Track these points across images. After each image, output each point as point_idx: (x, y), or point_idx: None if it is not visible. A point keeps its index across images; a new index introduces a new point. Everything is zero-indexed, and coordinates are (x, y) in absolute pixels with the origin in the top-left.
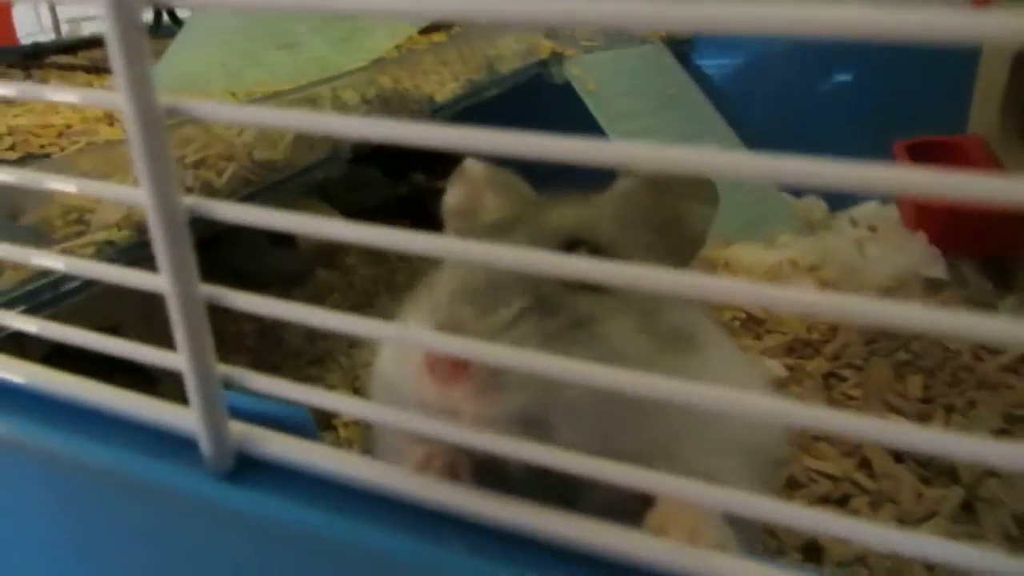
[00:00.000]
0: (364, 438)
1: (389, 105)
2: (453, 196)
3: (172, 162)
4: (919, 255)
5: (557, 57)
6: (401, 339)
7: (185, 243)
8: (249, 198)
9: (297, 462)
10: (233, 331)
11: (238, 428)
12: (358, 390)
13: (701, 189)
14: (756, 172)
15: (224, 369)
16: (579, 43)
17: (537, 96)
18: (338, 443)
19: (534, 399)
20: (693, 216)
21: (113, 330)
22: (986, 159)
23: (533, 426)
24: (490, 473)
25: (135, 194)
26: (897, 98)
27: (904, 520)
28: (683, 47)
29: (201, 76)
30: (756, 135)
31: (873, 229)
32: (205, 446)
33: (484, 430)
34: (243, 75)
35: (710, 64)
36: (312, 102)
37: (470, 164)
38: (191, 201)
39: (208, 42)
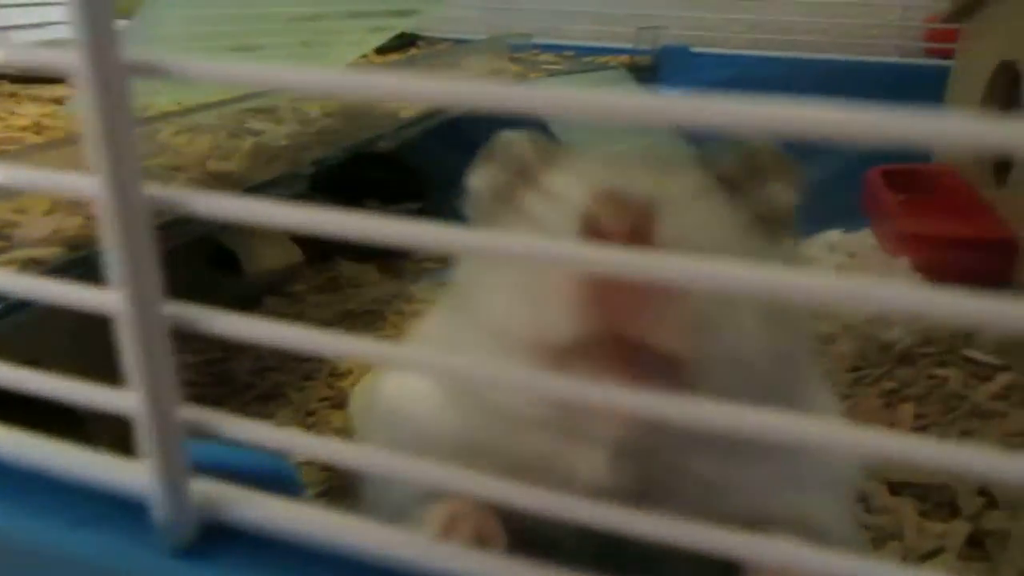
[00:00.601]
0: (330, 483)
1: (352, 119)
2: (487, 176)
3: (134, 138)
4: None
5: (521, 79)
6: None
7: (146, 246)
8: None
9: (280, 529)
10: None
11: (202, 487)
12: (312, 428)
13: (787, 169)
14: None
15: (188, 412)
16: (542, 66)
17: (502, 119)
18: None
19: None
20: (784, 197)
21: (31, 365)
22: (964, 187)
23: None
24: (526, 533)
25: (83, 182)
26: None
27: (908, 557)
28: (645, 72)
29: (147, 83)
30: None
31: (852, 255)
32: (159, 511)
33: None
34: (195, 84)
35: (674, 90)
36: (270, 112)
37: (510, 135)
38: (156, 191)
39: (159, 40)
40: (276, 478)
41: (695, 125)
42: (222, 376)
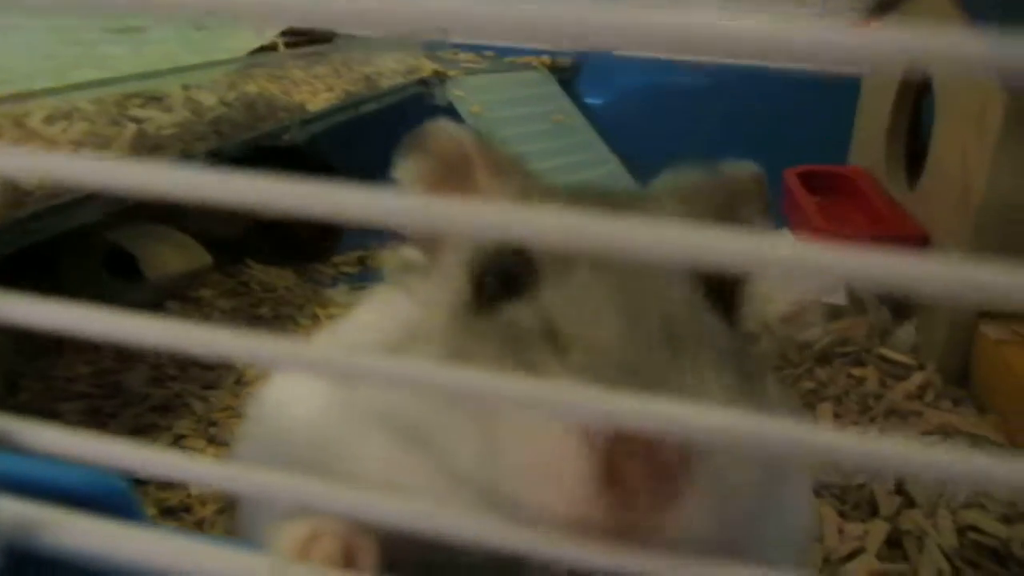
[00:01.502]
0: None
1: (253, 110)
2: (420, 168)
3: None
4: (820, 282)
5: (439, 77)
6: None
7: None
8: (75, 204)
9: (106, 557)
10: (63, 375)
11: (12, 509)
12: (214, 439)
13: (756, 187)
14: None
15: None
16: (461, 65)
17: (417, 116)
18: (187, 503)
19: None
20: (749, 216)
21: None
22: (878, 188)
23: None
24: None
25: None
26: (781, 128)
27: (829, 559)
28: (567, 74)
29: (21, 70)
30: (640, 163)
31: None
32: None
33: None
34: (74, 72)
35: (594, 91)
36: (159, 100)
37: (444, 126)
38: None
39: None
40: (105, 498)
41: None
42: (114, 387)
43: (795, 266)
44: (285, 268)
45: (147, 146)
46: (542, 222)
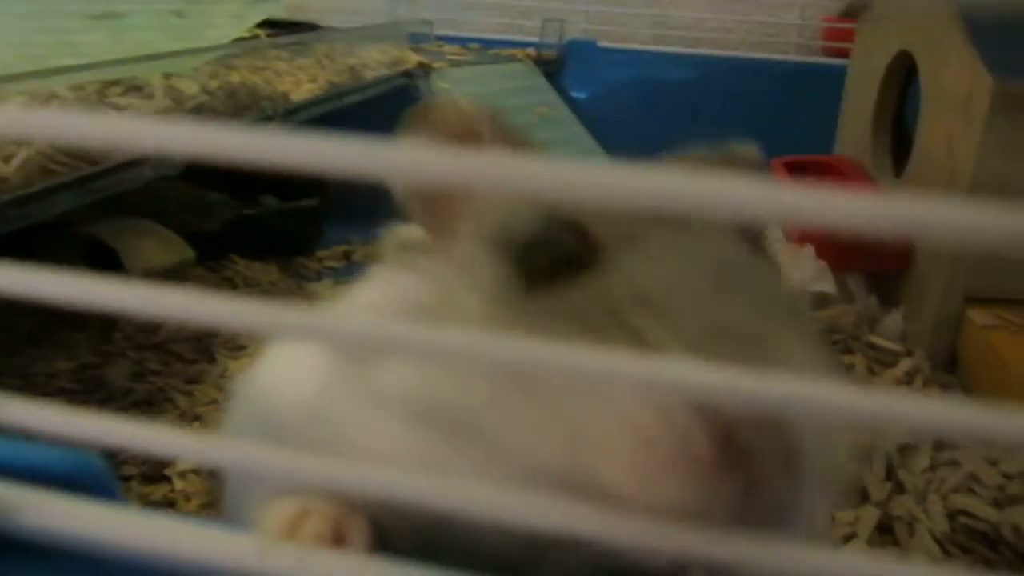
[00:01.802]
0: (213, 491)
1: (236, 99)
2: (424, 142)
3: None
4: (808, 270)
5: (424, 69)
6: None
7: None
8: (51, 192)
9: (85, 538)
10: (43, 372)
11: None
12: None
13: (760, 165)
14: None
15: None
16: (446, 57)
17: (403, 108)
18: (171, 498)
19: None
20: None
21: None
22: (863, 177)
23: None
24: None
25: None
26: (767, 119)
27: None
28: (552, 67)
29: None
30: (626, 157)
31: None
32: None
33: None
34: (52, 61)
35: (579, 84)
36: (139, 90)
37: (452, 99)
38: None
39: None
40: (80, 477)
41: None
42: (96, 382)
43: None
44: (269, 263)
45: None
46: (602, 179)
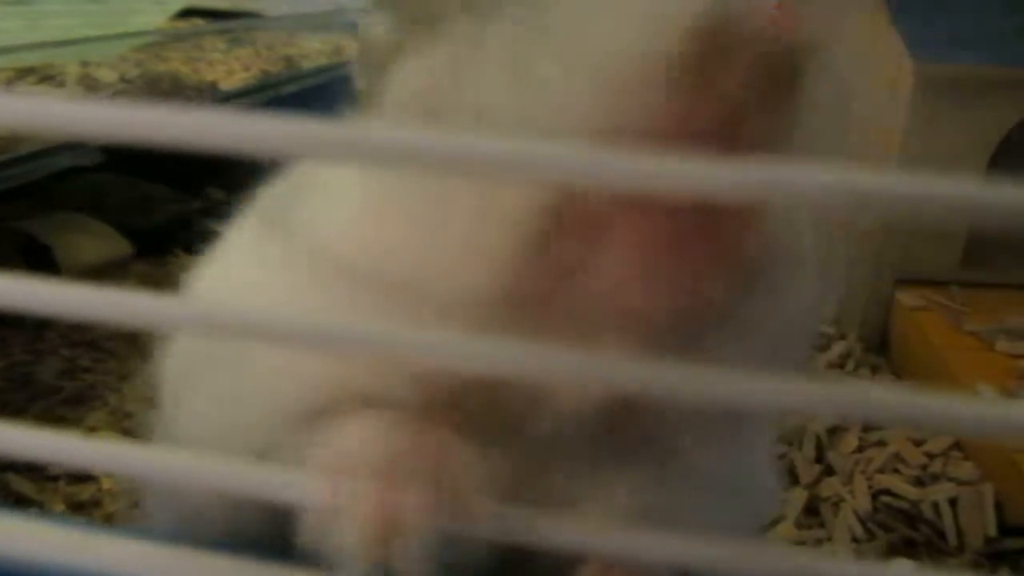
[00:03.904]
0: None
1: (157, 88)
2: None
3: None
4: None
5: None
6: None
7: None
8: None
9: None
10: None
11: None
12: (129, 432)
13: None
14: None
15: None
16: None
17: (340, 98)
18: (98, 498)
19: None
20: None
21: None
22: None
23: None
24: None
25: None
26: None
27: None
28: None
29: None
30: None
31: None
32: None
33: None
34: None
35: None
36: (52, 79)
37: None
38: None
39: None
40: None
41: None
42: (25, 380)
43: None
44: None
45: None
46: None
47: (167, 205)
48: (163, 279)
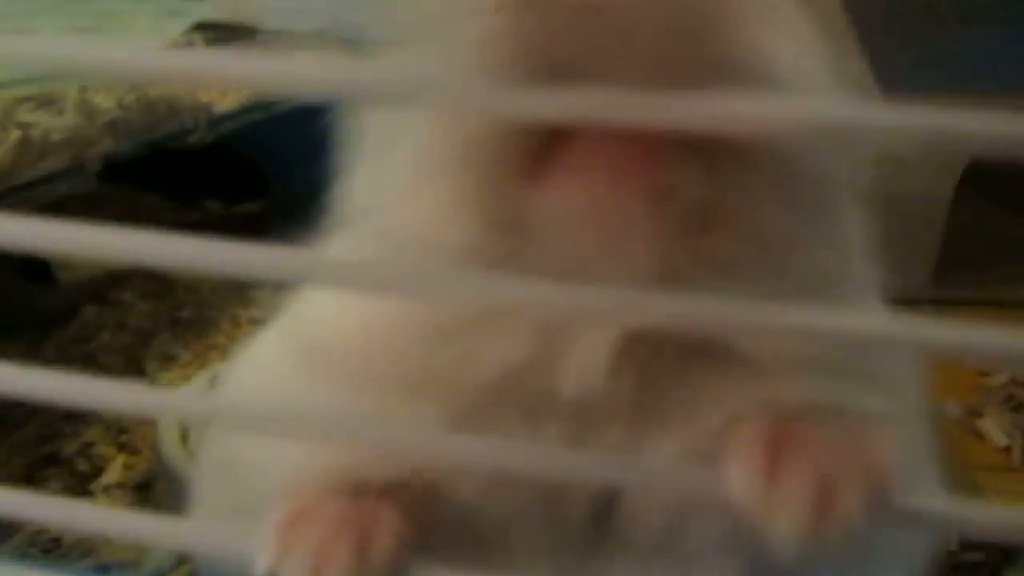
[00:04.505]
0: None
1: (153, 112)
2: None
3: None
4: None
5: None
6: None
7: None
8: None
9: None
10: None
11: None
12: (125, 447)
13: None
14: None
15: None
16: None
17: (339, 116)
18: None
19: None
20: None
21: None
22: None
23: None
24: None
25: None
26: None
27: None
28: None
29: None
30: None
31: None
32: None
33: None
34: None
35: None
36: (52, 104)
37: None
38: None
39: None
40: None
41: None
42: None
43: None
44: None
45: (32, 153)
46: None
47: (164, 216)
48: (159, 290)
